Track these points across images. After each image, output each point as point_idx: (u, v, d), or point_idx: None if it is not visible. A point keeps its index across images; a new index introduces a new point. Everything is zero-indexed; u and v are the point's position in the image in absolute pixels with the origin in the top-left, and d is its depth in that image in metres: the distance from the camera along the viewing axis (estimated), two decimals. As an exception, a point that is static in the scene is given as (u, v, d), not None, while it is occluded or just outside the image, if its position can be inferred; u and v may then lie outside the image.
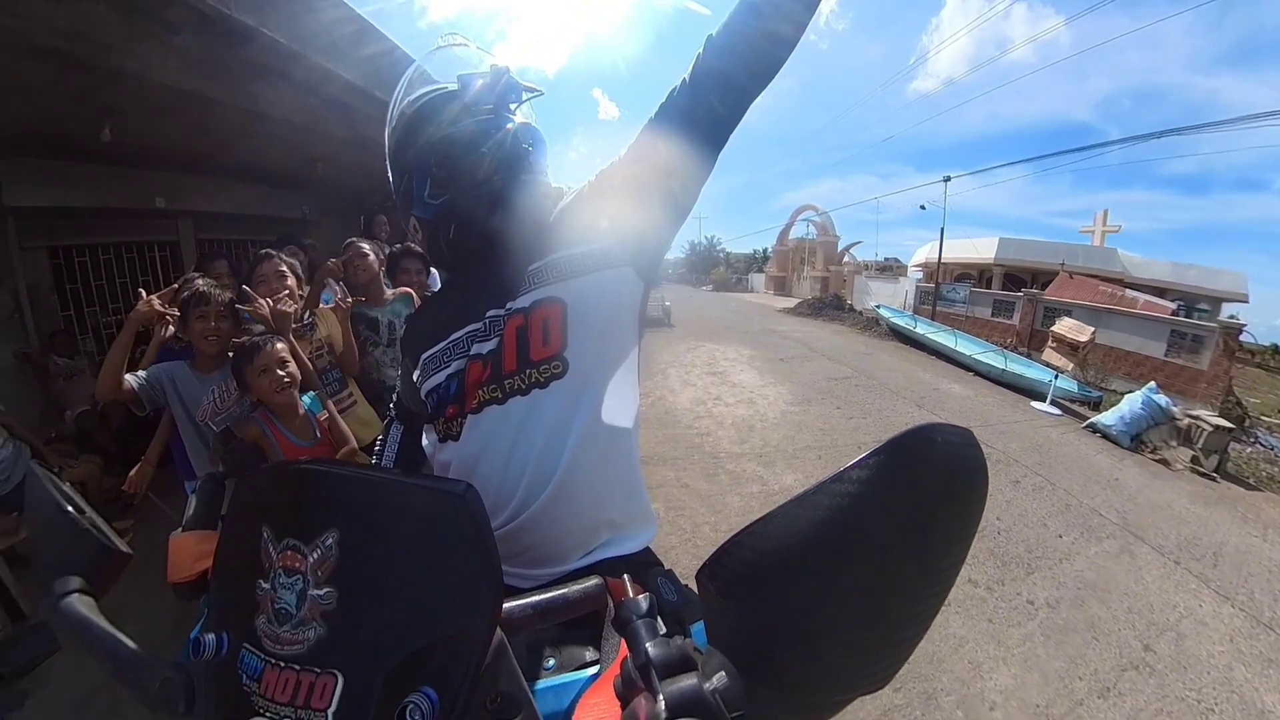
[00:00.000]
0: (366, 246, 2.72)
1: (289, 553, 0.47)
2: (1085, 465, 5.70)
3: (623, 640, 0.45)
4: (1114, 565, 3.76)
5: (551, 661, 0.65)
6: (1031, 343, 12.41)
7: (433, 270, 2.89)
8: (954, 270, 21.74)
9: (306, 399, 2.02)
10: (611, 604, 0.57)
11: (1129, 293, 14.65)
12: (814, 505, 0.36)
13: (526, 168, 0.92)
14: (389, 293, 2.73)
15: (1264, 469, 7.00)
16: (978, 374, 9.44)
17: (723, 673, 0.38)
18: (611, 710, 0.44)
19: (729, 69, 0.83)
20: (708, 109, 0.84)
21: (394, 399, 1.18)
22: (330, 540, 0.46)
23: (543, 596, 0.58)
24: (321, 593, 0.45)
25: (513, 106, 0.92)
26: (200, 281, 2.14)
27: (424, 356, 0.96)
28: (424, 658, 0.42)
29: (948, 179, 17.22)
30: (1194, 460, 6.11)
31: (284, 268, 2.40)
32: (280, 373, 1.85)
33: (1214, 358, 10.74)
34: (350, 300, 2.45)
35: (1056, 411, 7.54)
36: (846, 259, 25.87)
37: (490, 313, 0.89)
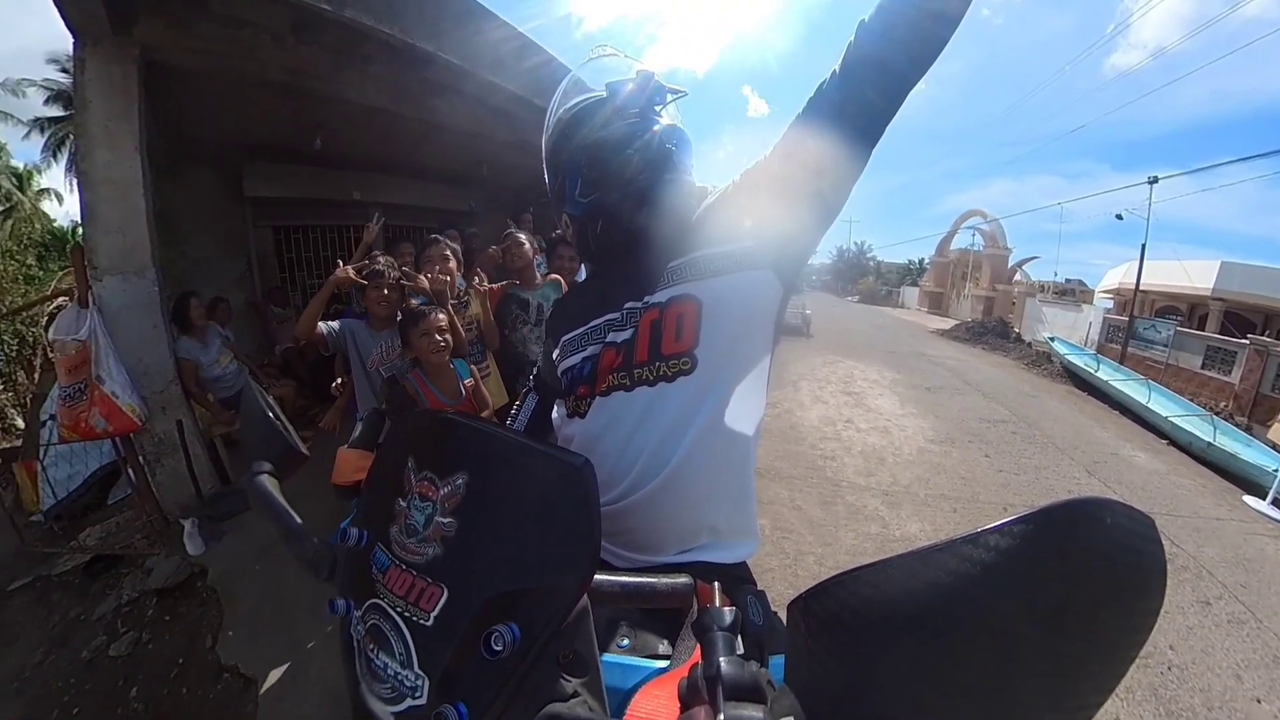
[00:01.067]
0: (523, 236, 3.08)
1: (425, 482, 0.55)
2: None
3: (698, 645, 0.46)
4: None
5: (626, 641, 0.67)
6: (1254, 412, 10.04)
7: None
8: (1157, 301, 17.68)
9: (458, 364, 2.40)
10: (696, 607, 0.59)
11: None
12: (938, 565, 0.32)
13: (671, 167, 0.94)
14: (540, 278, 3.06)
15: None
16: (1174, 443, 7.72)
17: (791, 717, 0.36)
18: (670, 708, 0.46)
19: (885, 54, 0.79)
20: (861, 100, 0.81)
21: (534, 373, 1.26)
22: (460, 480, 0.53)
23: (633, 579, 0.61)
24: (446, 520, 0.52)
25: (658, 109, 0.96)
26: (381, 260, 2.63)
27: (564, 338, 1.02)
28: (517, 598, 0.47)
29: (1154, 180, 14.11)
30: None
31: (448, 251, 2.82)
32: (438, 337, 2.23)
33: None
34: (492, 286, 2.85)
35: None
36: (1018, 277, 22.61)
37: (628, 304, 0.93)
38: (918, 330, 16.79)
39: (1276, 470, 6.09)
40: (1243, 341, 11.35)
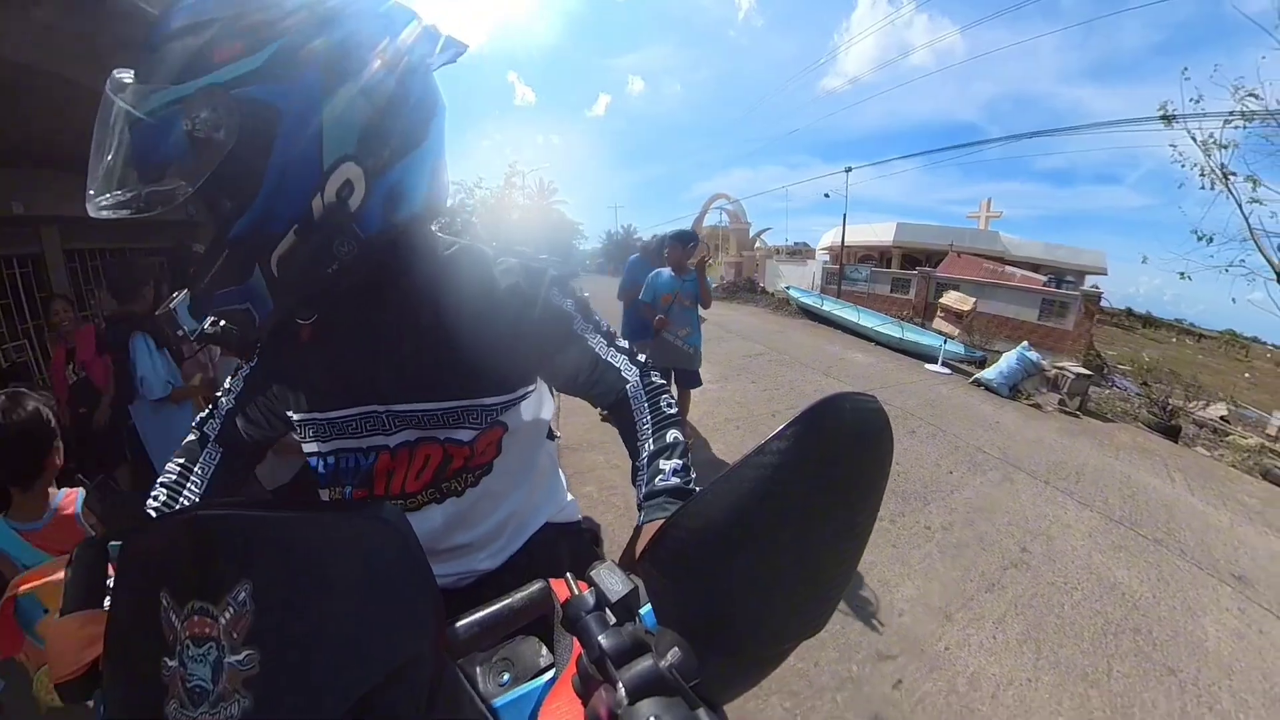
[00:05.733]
0: None
1: (196, 618, 0.40)
2: (971, 413, 6.39)
3: (575, 639, 0.45)
4: (996, 491, 4.33)
5: (507, 675, 0.62)
6: (926, 314, 13.48)
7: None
8: (858, 253, 23.44)
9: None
10: (557, 605, 0.57)
11: (1007, 269, 16.35)
12: (740, 479, 0.39)
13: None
14: None
15: (1118, 405, 8.35)
16: (879, 344, 10.19)
17: (675, 649, 0.39)
18: (574, 710, 0.44)
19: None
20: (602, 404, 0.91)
21: (217, 422, 0.91)
22: (243, 594, 0.39)
23: (487, 611, 0.56)
24: (240, 657, 0.38)
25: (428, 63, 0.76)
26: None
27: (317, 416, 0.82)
28: (371, 701, 0.38)
29: (849, 170, 18.49)
30: (1061, 403, 7.18)
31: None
32: None
33: (1077, 320, 12.11)
34: None
35: (947, 371, 8.38)
36: (758, 245, 26.86)
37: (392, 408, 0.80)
38: (687, 299, 18.85)
39: (940, 345, 8.51)
40: (914, 273, 15.31)
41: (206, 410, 0.92)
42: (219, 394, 0.90)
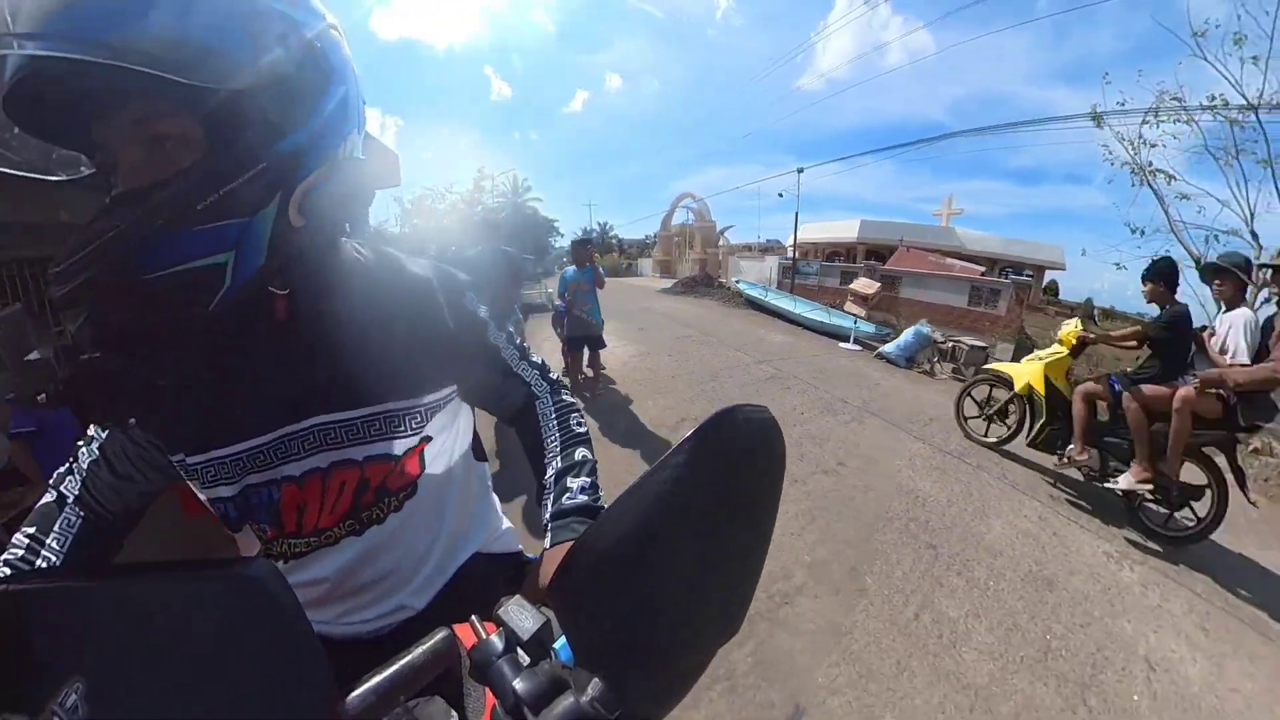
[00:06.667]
0: None
1: None
2: (857, 377, 6.89)
3: (486, 689, 0.41)
4: (841, 429, 4.81)
5: None
6: (867, 304, 13.88)
7: None
8: (826, 249, 24.52)
9: None
10: (464, 654, 0.48)
11: (949, 260, 16.83)
12: (644, 494, 0.39)
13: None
14: None
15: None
16: (808, 328, 10.55)
17: (595, 680, 0.38)
18: None
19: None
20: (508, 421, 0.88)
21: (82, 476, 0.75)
22: (72, 698, 0.32)
23: (385, 673, 0.46)
24: None
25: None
26: None
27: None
28: None
29: (800, 170, 19.05)
30: (955, 371, 7.68)
31: None
32: None
33: (1009, 306, 12.50)
34: None
35: (858, 348, 8.95)
36: (721, 242, 27.29)
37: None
38: (648, 291, 19.20)
39: (853, 325, 8.84)
40: (859, 266, 15.72)
41: (65, 466, 0.75)
42: (79, 442, 0.75)
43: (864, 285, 13.10)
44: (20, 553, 0.68)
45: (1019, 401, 4.11)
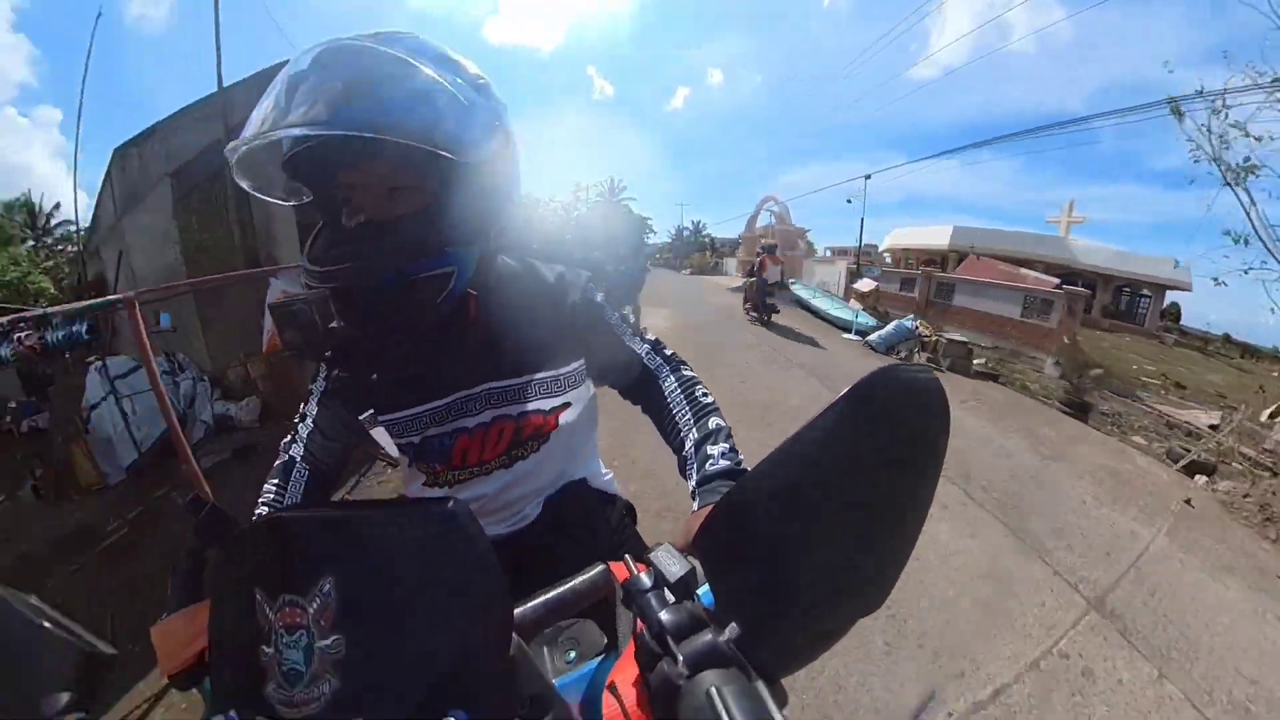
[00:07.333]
0: None
1: (287, 609, 0.44)
2: (831, 358, 8.08)
3: (635, 616, 0.46)
4: (777, 377, 6.63)
5: (572, 653, 0.63)
6: (928, 310, 13.97)
7: None
8: (919, 255, 23.80)
9: None
10: (617, 585, 0.55)
11: (1021, 270, 16.09)
12: (790, 454, 0.41)
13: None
14: None
15: (1044, 385, 7.90)
16: (825, 321, 12.22)
17: (734, 624, 0.41)
18: (637, 683, 0.45)
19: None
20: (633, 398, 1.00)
21: (301, 442, 0.97)
22: (327, 587, 0.43)
23: (551, 594, 0.59)
24: (329, 642, 0.42)
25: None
26: None
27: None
28: (447, 681, 0.41)
29: (868, 177, 19.46)
30: (929, 359, 8.24)
31: None
32: None
33: (1061, 319, 12.18)
34: None
35: (857, 338, 10.12)
36: (801, 244, 27.51)
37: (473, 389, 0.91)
38: (718, 289, 19.74)
39: (854, 319, 10.67)
40: (917, 273, 15.57)
41: (289, 435, 0.98)
42: (296, 418, 0.98)
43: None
44: (272, 495, 0.94)
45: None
